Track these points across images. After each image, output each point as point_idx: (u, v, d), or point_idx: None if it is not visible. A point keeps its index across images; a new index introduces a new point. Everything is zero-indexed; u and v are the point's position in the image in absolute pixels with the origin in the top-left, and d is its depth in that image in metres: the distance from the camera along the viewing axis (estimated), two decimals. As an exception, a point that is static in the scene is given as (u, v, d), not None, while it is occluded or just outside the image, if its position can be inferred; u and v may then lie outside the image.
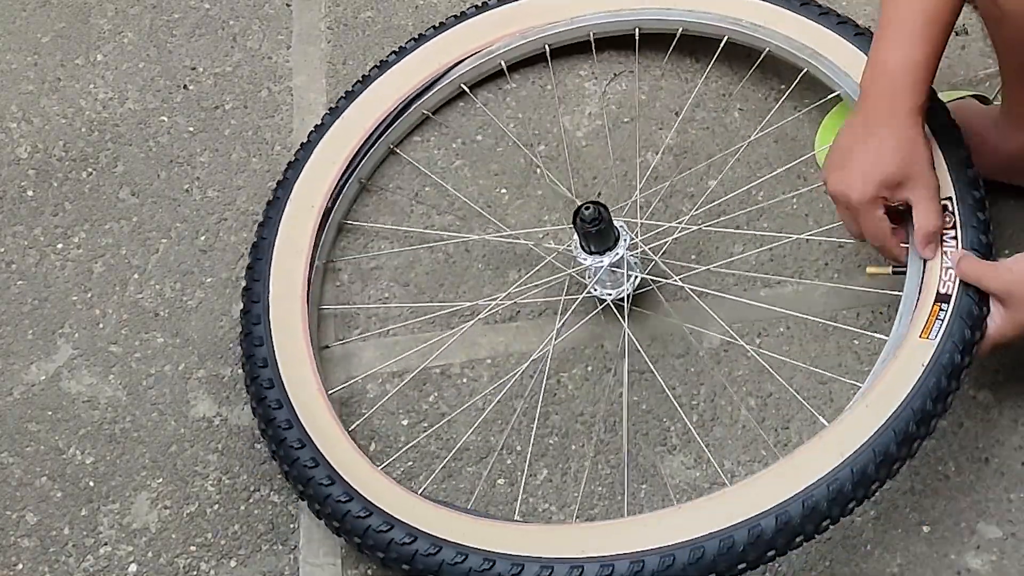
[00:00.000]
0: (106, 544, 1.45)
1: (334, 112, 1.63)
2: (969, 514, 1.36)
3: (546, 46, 1.67)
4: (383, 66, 1.66)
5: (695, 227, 1.54)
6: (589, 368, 1.49)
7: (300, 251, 1.53)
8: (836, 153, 1.35)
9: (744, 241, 1.55)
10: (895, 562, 1.35)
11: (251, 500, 1.46)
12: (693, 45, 1.66)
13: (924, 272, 1.34)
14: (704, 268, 1.52)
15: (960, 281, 1.32)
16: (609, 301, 1.48)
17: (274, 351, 1.45)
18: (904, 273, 1.36)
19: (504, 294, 1.53)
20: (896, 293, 1.37)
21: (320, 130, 1.62)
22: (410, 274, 1.57)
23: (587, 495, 1.41)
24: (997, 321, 1.31)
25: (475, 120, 1.67)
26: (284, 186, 1.58)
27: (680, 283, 1.49)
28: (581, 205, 1.42)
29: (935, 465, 1.39)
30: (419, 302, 1.55)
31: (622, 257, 1.45)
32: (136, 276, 1.61)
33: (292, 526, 1.44)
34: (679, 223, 1.54)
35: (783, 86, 1.63)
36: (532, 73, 1.70)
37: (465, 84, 1.67)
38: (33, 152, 1.71)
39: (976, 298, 1.31)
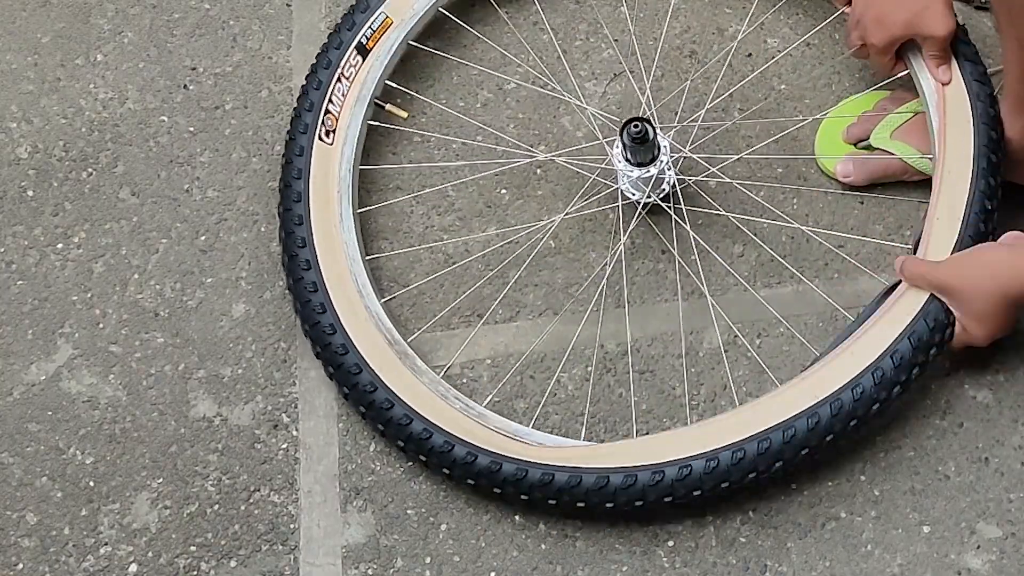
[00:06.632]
0: (106, 544, 1.45)
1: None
2: (969, 514, 1.36)
3: None
4: None
5: (723, 123, 1.60)
6: (588, 368, 1.49)
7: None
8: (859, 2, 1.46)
9: (759, 131, 1.61)
10: (895, 562, 1.35)
11: (251, 500, 1.46)
12: None
13: None
14: (735, 157, 1.57)
15: None
16: (653, 201, 1.52)
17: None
18: None
19: (562, 215, 1.56)
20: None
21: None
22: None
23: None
24: (957, 321, 1.35)
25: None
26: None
27: (719, 174, 1.55)
28: (627, 121, 1.46)
29: (935, 465, 1.39)
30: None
31: (667, 163, 1.50)
32: (136, 276, 1.61)
33: (292, 526, 1.44)
34: (700, 123, 1.60)
35: None
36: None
37: None
38: (33, 152, 1.71)
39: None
